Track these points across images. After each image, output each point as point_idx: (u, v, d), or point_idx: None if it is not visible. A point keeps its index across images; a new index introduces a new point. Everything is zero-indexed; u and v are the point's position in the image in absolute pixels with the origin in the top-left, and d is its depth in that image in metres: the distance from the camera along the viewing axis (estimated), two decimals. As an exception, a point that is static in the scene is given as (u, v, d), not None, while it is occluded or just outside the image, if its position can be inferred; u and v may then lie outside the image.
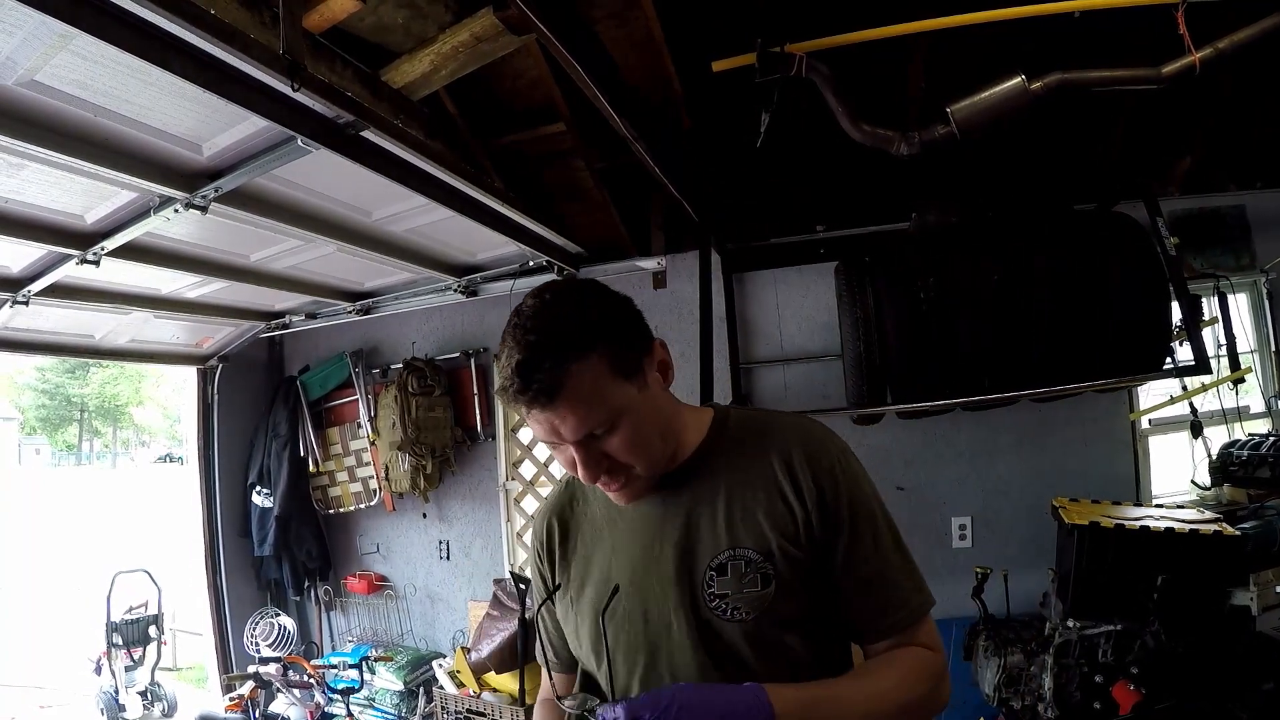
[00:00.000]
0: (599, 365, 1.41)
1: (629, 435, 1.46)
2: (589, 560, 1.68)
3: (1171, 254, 3.85)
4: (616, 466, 1.48)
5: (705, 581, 1.51)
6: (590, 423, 1.42)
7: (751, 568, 1.49)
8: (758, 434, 1.62)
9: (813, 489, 1.51)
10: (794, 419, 1.68)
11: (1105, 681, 3.50)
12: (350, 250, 4.39)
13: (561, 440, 1.44)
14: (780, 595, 1.49)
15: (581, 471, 1.47)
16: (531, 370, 1.37)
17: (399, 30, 2.73)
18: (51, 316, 4.90)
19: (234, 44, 2.13)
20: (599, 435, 1.44)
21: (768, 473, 1.55)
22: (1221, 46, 2.93)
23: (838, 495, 1.52)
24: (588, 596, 1.65)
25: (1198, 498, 4.46)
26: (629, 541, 1.62)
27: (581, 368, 1.39)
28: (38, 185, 3.18)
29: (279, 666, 5.48)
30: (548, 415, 1.40)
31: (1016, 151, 4.28)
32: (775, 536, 1.50)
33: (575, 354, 1.39)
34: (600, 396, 1.42)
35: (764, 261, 5.22)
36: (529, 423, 1.45)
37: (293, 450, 6.44)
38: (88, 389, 49.47)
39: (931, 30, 3.04)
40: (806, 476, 1.52)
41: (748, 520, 1.53)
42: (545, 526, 1.77)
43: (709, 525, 1.55)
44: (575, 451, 1.45)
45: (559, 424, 1.41)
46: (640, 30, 3.11)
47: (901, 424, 4.80)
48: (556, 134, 3.77)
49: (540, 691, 1.93)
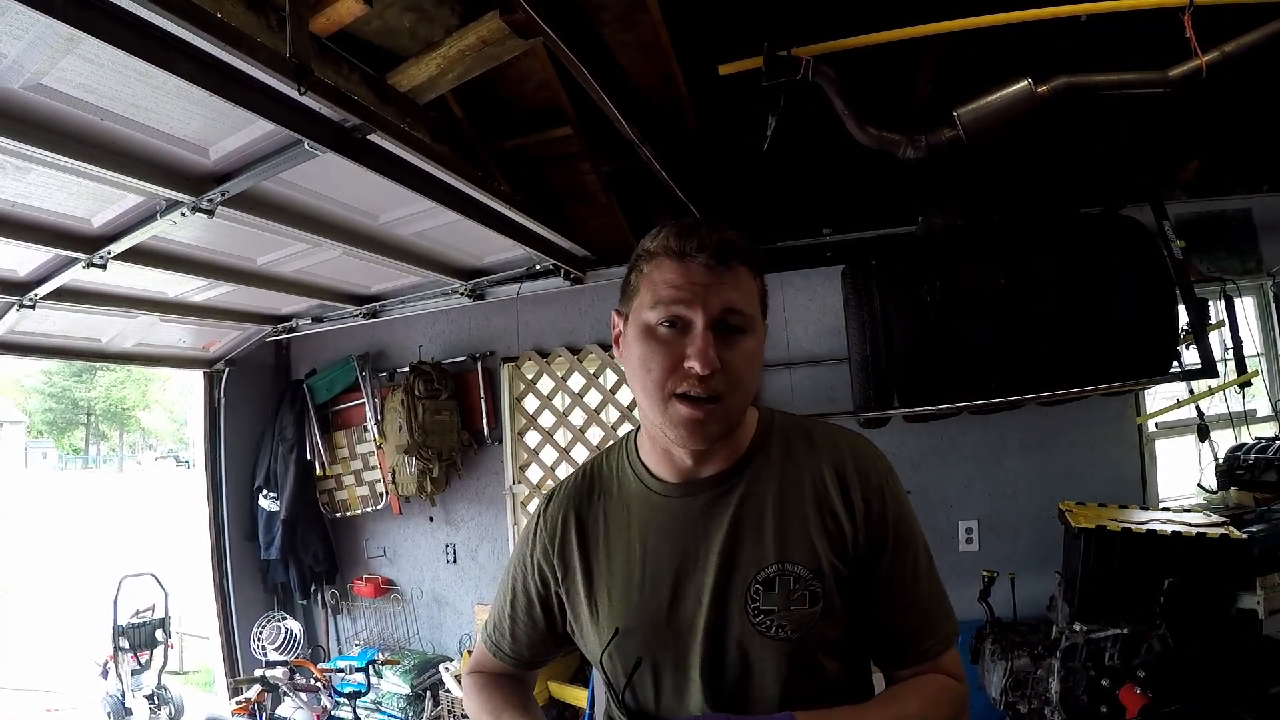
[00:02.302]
0: (757, 280, 1.49)
1: (750, 349, 1.44)
2: (613, 561, 1.58)
3: (1177, 257, 3.85)
4: (721, 380, 1.39)
5: (750, 595, 1.44)
6: (739, 305, 1.41)
7: (800, 584, 1.43)
8: (807, 442, 1.57)
9: (862, 506, 1.47)
10: (840, 430, 1.62)
11: (1112, 685, 3.49)
12: (357, 254, 4.40)
13: (700, 308, 1.39)
14: (825, 616, 1.44)
15: (699, 352, 1.37)
16: (722, 231, 1.44)
17: (405, 34, 2.73)
18: (58, 320, 4.92)
19: (240, 47, 2.13)
20: (729, 332, 1.41)
21: (819, 485, 1.50)
22: (1228, 50, 2.93)
23: (885, 515, 1.48)
24: (615, 601, 1.55)
25: (1204, 501, 4.46)
26: (663, 542, 1.54)
27: (751, 268, 1.47)
28: (44, 189, 3.19)
29: (285, 670, 5.48)
30: (712, 272, 1.40)
31: (1023, 155, 4.28)
32: (826, 554, 1.45)
33: (753, 260, 1.47)
34: (750, 297, 1.45)
35: (770, 264, 5.20)
36: (661, 279, 1.43)
37: (299, 454, 6.45)
38: (94, 392, 49.56)
39: (938, 34, 3.04)
40: (857, 493, 1.48)
41: (799, 534, 1.47)
42: (560, 515, 1.66)
43: (755, 533, 1.48)
44: (703, 329, 1.38)
45: (715, 288, 1.40)
46: (646, 33, 3.11)
47: (908, 427, 4.80)
48: (563, 137, 3.77)
49: (473, 663, 1.86)
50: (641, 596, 1.52)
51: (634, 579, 1.54)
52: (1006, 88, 3.08)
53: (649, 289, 1.44)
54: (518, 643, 1.75)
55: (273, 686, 5.40)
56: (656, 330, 1.42)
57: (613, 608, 1.55)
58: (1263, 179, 4.69)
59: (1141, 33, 3.01)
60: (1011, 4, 2.95)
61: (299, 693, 5.38)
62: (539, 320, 5.89)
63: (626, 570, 1.55)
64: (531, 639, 1.74)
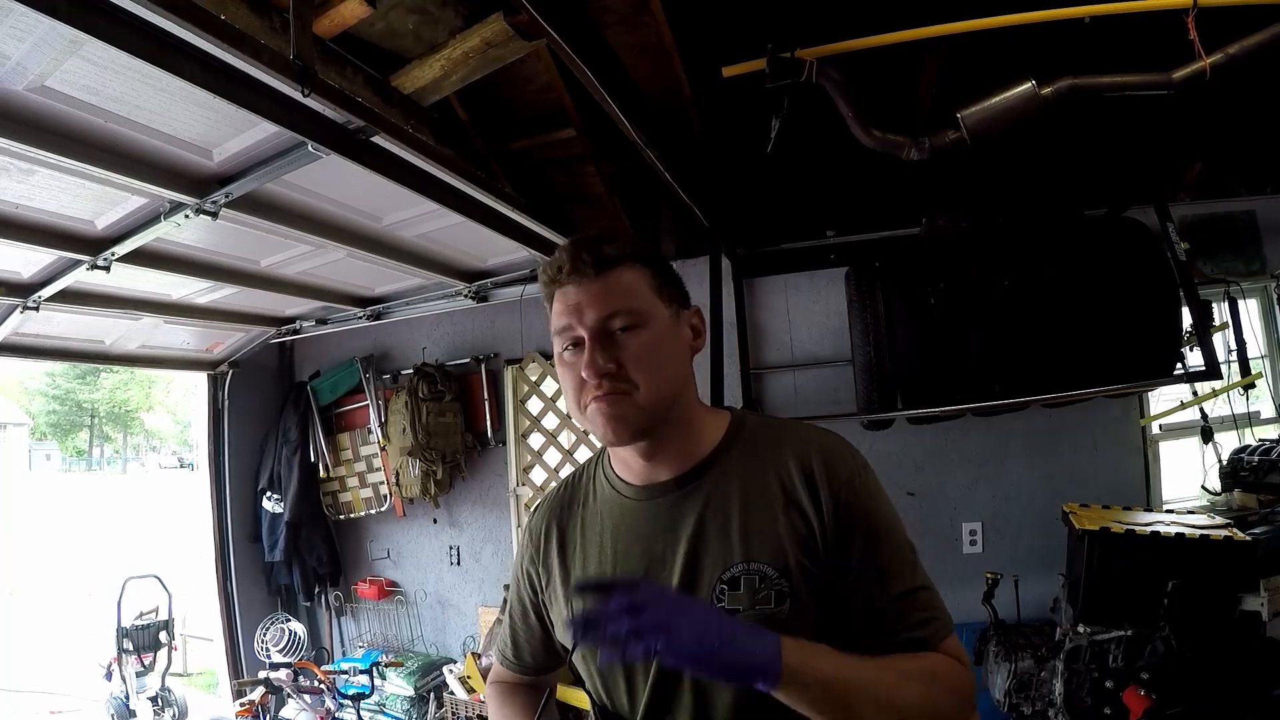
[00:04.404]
0: (646, 274, 1.53)
1: (647, 341, 1.47)
2: (587, 564, 1.61)
3: (1182, 259, 3.84)
4: (620, 377, 1.45)
5: (715, 595, 1.44)
6: (620, 307, 1.46)
7: (766, 584, 1.42)
8: (775, 442, 1.56)
9: (830, 501, 1.45)
10: (812, 429, 1.61)
11: (1116, 687, 3.49)
12: (361, 255, 4.41)
13: (581, 326, 1.46)
14: (794, 614, 1.41)
15: (588, 363, 1.44)
16: (589, 245, 1.49)
17: (409, 36, 2.73)
18: (62, 322, 4.93)
19: (244, 49, 2.13)
20: (619, 332, 1.46)
21: (785, 483, 1.48)
22: (1232, 51, 2.92)
23: (853, 508, 1.45)
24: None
25: (1208, 503, 4.45)
26: (632, 543, 1.55)
27: (632, 266, 1.51)
28: (48, 191, 3.19)
29: (289, 672, 5.48)
30: (584, 289, 1.47)
31: (1027, 156, 4.28)
32: (794, 553, 1.43)
33: (631, 254, 1.52)
34: (637, 294, 1.49)
35: (774, 267, 5.23)
36: (554, 310, 1.51)
37: (303, 456, 6.46)
38: (98, 394, 49.61)
39: (942, 36, 3.04)
40: (824, 489, 1.46)
41: (765, 533, 1.45)
42: (544, 526, 1.71)
43: (721, 533, 1.48)
44: (589, 341, 1.45)
45: (589, 302, 1.46)
46: (650, 35, 3.10)
47: (912, 429, 4.80)
48: (567, 139, 3.76)
49: (492, 675, 1.92)
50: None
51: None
52: (1010, 89, 3.07)
53: (552, 322, 1.53)
54: (522, 651, 1.80)
55: (276, 688, 5.40)
56: (564, 357, 1.51)
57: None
58: (1267, 180, 4.68)
59: (1145, 35, 3.01)
60: (1015, 6, 2.94)
61: (303, 695, 5.38)
62: (542, 322, 5.81)
63: (600, 572, 1.58)
64: (533, 646, 1.78)
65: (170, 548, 13.65)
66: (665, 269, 1.58)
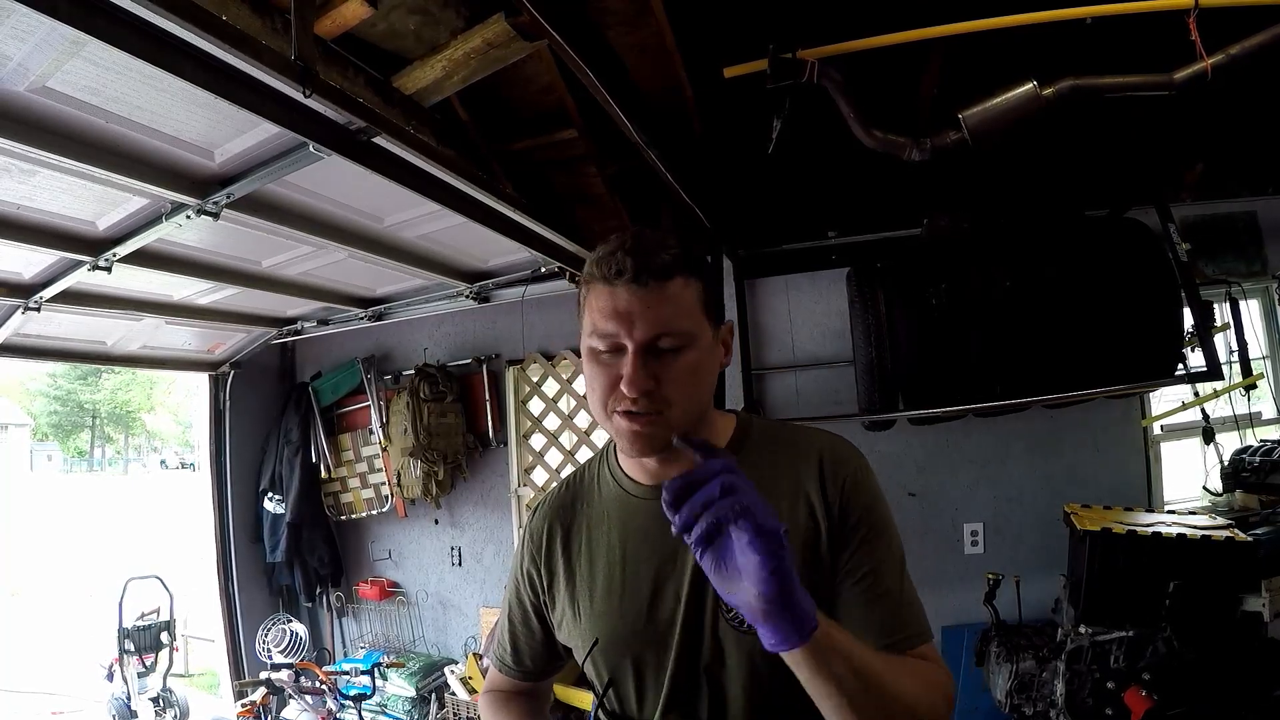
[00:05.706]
0: (699, 290, 1.46)
1: (689, 364, 1.43)
2: (594, 562, 1.61)
3: (1183, 260, 3.84)
4: (657, 396, 1.41)
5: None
6: (670, 327, 1.40)
7: None
8: (783, 444, 1.58)
9: (836, 498, 1.47)
10: (817, 431, 1.63)
11: (1117, 688, 3.49)
12: (362, 256, 4.41)
13: (628, 337, 1.40)
14: None
15: (629, 380, 1.39)
16: (651, 250, 1.41)
17: (411, 36, 2.72)
18: (63, 323, 4.93)
19: (245, 50, 2.12)
20: (664, 350, 1.41)
21: (793, 485, 1.51)
22: (1234, 52, 2.91)
23: (856, 505, 1.47)
24: (596, 604, 1.58)
25: (1209, 504, 4.45)
26: (641, 541, 1.56)
27: (688, 280, 1.44)
28: (49, 192, 3.19)
29: (291, 673, 5.49)
30: (636, 297, 1.39)
31: (1028, 157, 4.27)
32: (799, 551, 1.43)
33: (689, 266, 1.45)
34: (689, 313, 1.44)
35: (776, 267, 5.23)
36: (596, 305, 1.44)
37: (305, 456, 6.47)
38: (99, 395, 49.62)
39: (944, 37, 3.04)
40: (833, 487, 1.48)
41: None
42: (545, 526, 1.71)
43: None
44: (633, 355, 1.39)
45: (641, 314, 1.39)
46: (651, 36, 3.10)
47: (913, 430, 4.80)
48: (568, 140, 3.75)
49: (486, 683, 1.90)
50: (623, 598, 1.55)
51: (615, 581, 1.57)
52: (1012, 90, 3.07)
53: (589, 314, 1.47)
54: (521, 655, 1.79)
55: (278, 689, 5.41)
56: (599, 356, 1.46)
57: (594, 610, 1.58)
58: (1268, 181, 4.68)
59: (1147, 35, 3.01)
60: (1017, 6, 2.94)
61: (304, 695, 5.39)
62: (544, 323, 5.89)
63: (608, 573, 1.58)
64: (533, 650, 1.77)
65: (172, 548, 13.67)
66: (712, 281, 1.53)
